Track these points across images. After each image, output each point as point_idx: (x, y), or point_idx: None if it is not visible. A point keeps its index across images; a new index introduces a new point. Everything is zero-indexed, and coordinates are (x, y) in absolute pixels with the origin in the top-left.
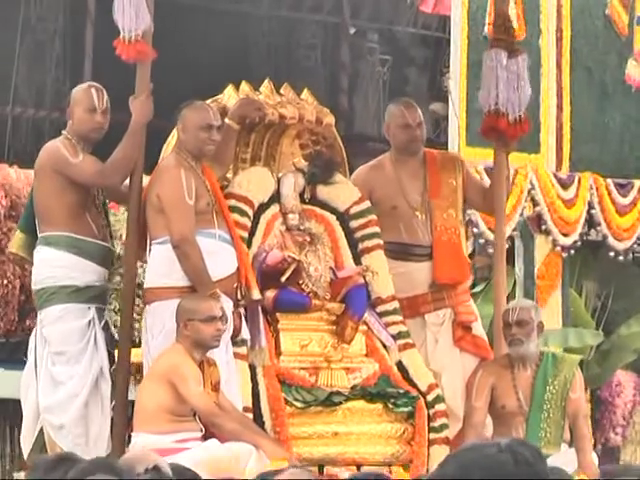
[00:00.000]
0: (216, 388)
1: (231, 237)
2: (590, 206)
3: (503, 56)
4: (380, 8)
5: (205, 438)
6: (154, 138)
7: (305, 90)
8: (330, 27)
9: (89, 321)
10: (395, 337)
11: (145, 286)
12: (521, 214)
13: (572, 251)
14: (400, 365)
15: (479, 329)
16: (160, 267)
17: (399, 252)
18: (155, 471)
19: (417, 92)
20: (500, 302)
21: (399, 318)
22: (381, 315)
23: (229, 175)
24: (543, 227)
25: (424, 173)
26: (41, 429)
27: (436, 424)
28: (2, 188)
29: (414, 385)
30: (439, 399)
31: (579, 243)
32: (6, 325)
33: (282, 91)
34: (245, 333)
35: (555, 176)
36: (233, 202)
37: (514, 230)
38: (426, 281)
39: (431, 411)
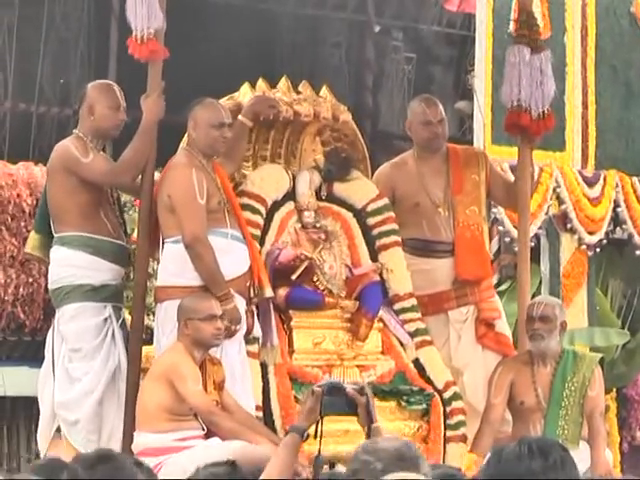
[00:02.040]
0: (220, 387)
1: (243, 235)
2: (616, 204)
3: (526, 52)
4: (405, 6)
5: (207, 437)
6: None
7: (324, 87)
8: (355, 25)
9: (105, 319)
10: (412, 334)
11: (157, 284)
12: (547, 212)
13: (598, 249)
14: (417, 362)
15: (503, 326)
16: (173, 266)
17: (422, 249)
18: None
19: (442, 90)
20: (524, 300)
21: (417, 315)
22: (398, 312)
23: (247, 172)
24: (569, 225)
25: (447, 169)
26: (58, 427)
27: (452, 421)
28: (28, 187)
29: (431, 383)
30: (456, 396)
31: (605, 241)
32: (32, 324)
33: (300, 88)
34: (257, 331)
35: (581, 174)
36: (246, 200)
37: (540, 228)
38: (449, 278)
39: (448, 408)
